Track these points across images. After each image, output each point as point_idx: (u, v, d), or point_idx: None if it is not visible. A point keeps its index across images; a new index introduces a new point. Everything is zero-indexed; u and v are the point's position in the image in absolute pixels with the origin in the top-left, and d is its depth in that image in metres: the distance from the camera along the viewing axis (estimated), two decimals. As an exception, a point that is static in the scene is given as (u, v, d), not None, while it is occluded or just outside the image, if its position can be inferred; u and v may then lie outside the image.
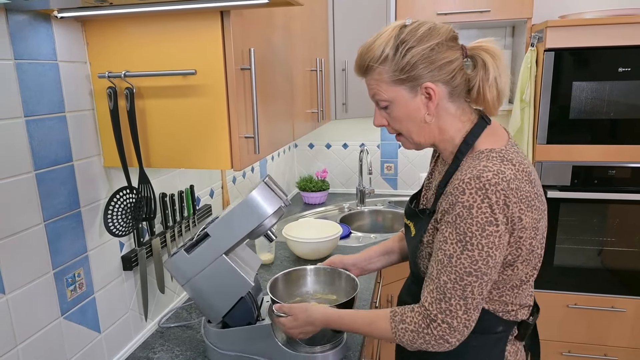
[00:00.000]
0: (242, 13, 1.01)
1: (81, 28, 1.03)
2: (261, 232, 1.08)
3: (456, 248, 0.87)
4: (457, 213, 0.86)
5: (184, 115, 1.03)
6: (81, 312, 1.08)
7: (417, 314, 0.92)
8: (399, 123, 0.98)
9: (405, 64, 0.90)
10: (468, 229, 0.85)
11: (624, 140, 2.05)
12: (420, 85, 0.92)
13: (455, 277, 0.88)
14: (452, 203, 0.88)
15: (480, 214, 0.84)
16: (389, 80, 0.93)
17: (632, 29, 1.92)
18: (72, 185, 1.03)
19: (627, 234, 2.16)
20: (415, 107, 0.94)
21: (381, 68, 0.93)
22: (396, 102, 0.95)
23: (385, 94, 0.95)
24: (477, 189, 0.84)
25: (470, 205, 0.85)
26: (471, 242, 0.86)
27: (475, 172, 0.86)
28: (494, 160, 0.89)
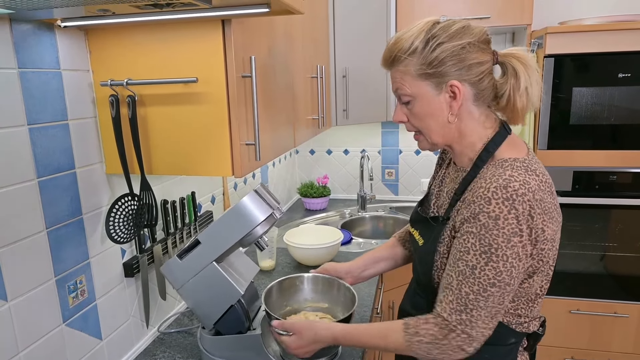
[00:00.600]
0: (243, 22, 1.02)
1: (84, 37, 1.04)
2: (251, 240, 1.08)
3: (480, 259, 0.85)
4: (482, 223, 0.84)
5: (186, 122, 1.04)
6: (83, 319, 1.08)
7: (433, 325, 0.90)
8: (419, 120, 0.96)
9: (434, 59, 0.89)
10: (494, 240, 0.84)
11: (625, 145, 2.05)
12: (446, 83, 0.90)
13: (478, 289, 0.86)
14: (475, 212, 0.86)
15: (506, 225, 0.83)
16: (414, 73, 0.91)
17: (631, 35, 1.93)
18: (75, 193, 1.04)
19: (629, 239, 2.15)
20: (439, 105, 0.92)
21: (408, 60, 0.91)
22: (419, 98, 0.93)
23: (409, 89, 0.93)
24: (504, 199, 0.83)
25: (496, 215, 0.83)
26: (496, 253, 0.84)
27: (501, 181, 0.84)
28: (519, 170, 0.87)
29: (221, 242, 1.08)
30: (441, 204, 1.05)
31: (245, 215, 1.06)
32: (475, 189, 0.88)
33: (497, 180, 0.85)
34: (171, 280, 1.13)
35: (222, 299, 1.11)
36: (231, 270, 1.15)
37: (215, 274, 1.10)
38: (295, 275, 1.30)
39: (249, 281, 1.20)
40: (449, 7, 2.20)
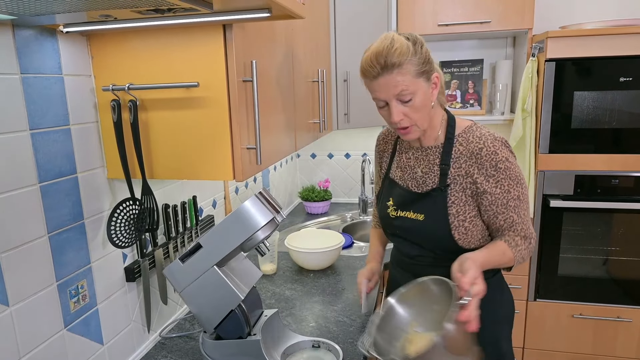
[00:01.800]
0: (244, 26, 1.03)
1: (86, 42, 1.05)
2: (253, 244, 1.08)
3: (518, 188, 1.13)
4: (503, 168, 1.11)
5: (187, 127, 1.04)
6: (84, 323, 1.08)
7: (519, 239, 1.15)
8: (417, 112, 1.11)
9: (425, 58, 1.08)
10: (516, 172, 1.13)
11: (628, 149, 2.05)
12: (431, 75, 1.11)
13: (525, 206, 1.16)
14: (494, 165, 1.11)
15: (512, 159, 1.13)
16: (414, 73, 1.07)
17: (632, 39, 1.93)
18: (76, 197, 1.04)
19: (632, 243, 2.14)
20: (429, 96, 1.12)
21: (410, 61, 1.05)
22: (419, 93, 1.09)
23: (412, 87, 1.07)
24: (500, 144, 1.12)
25: (506, 157, 1.12)
26: (522, 179, 1.14)
27: (489, 136, 1.13)
28: (484, 128, 1.17)
29: (222, 246, 1.08)
30: (425, 180, 1.21)
31: (246, 220, 1.06)
32: (476, 152, 1.13)
33: (487, 137, 1.13)
34: (173, 283, 1.13)
35: (222, 303, 1.10)
36: (232, 275, 1.14)
37: (216, 278, 1.09)
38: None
39: (251, 286, 1.19)
40: (450, 12, 2.20)
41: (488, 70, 2.55)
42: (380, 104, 1.14)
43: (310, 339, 1.25)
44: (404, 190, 1.25)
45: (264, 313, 1.25)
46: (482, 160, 1.12)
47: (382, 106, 1.14)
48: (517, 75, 2.33)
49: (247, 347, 1.14)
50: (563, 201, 2.12)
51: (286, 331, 1.27)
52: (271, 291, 1.65)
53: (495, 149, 1.11)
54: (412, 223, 1.22)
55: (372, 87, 1.12)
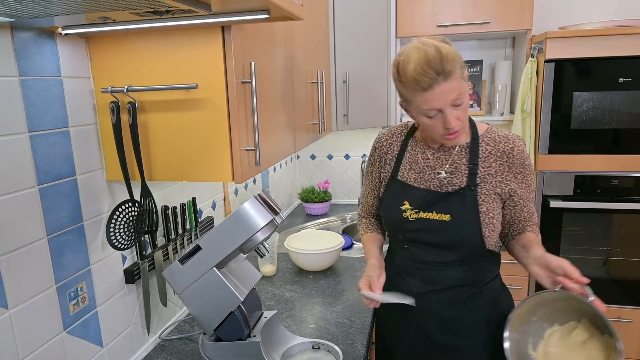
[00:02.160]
0: (243, 28, 1.03)
1: (85, 44, 1.05)
2: (252, 246, 1.08)
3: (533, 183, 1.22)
4: (528, 164, 1.19)
5: (186, 128, 1.04)
6: (84, 326, 1.08)
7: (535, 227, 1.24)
8: (465, 113, 1.11)
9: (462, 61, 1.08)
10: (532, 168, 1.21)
11: (627, 149, 2.05)
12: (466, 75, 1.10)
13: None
14: (522, 162, 1.18)
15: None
16: (461, 75, 1.06)
17: (631, 39, 1.93)
18: (75, 199, 1.04)
19: (632, 243, 2.14)
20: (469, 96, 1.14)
21: (457, 66, 1.04)
22: (465, 94, 1.09)
23: (462, 89, 1.07)
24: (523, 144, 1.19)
25: (528, 155, 1.19)
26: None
27: (514, 137, 1.19)
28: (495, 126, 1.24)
29: (221, 247, 1.08)
30: (451, 180, 1.20)
31: (245, 221, 1.06)
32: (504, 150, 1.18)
33: (513, 138, 1.19)
34: (173, 285, 1.13)
35: (222, 305, 1.10)
36: (232, 277, 1.14)
37: (215, 280, 1.09)
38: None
39: (250, 288, 1.19)
40: (449, 12, 2.21)
41: (487, 71, 2.56)
42: (431, 114, 1.08)
43: (309, 340, 1.25)
44: (424, 192, 1.22)
45: (264, 314, 1.25)
46: (514, 159, 1.17)
47: (433, 116, 1.08)
48: (517, 75, 2.33)
49: (246, 348, 1.13)
50: (563, 202, 2.12)
51: (286, 333, 1.27)
52: (271, 292, 1.65)
53: (522, 148, 1.18)
54: (437, 224, 1.19)
55: (425, 98, 1.05)
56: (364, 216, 1.46)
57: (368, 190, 1.40)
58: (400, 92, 1.13)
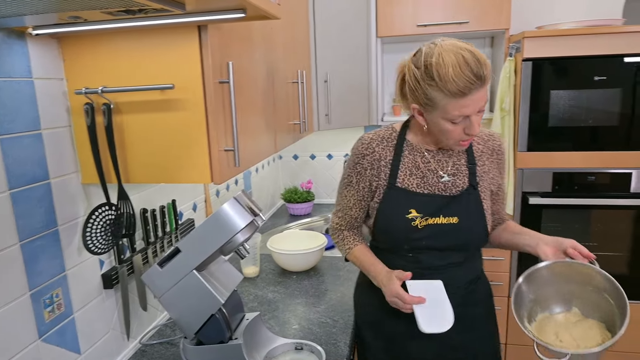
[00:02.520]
0: (220, 27, 1.01)
1: (57, 45, 1.02)
2: (232, 247, 1.07)
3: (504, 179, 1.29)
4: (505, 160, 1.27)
5: (163, 129, 1.03)
6: (60, 333, 1.05)
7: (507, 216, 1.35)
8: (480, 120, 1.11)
9: None
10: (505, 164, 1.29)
11: (603, 146, 2.09)
12: None
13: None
14: (504, 157, 1.26)
15: None
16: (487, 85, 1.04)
17: (606, 39, 1.97)
18: (49, 204, 1.01)
19: (609, 238, 2.19)
20: None
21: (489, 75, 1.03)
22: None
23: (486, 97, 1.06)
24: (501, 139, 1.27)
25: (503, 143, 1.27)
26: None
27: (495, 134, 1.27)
28: None
29: (201, 250, 1.06)
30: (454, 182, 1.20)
31: (225, 223, 1.05)
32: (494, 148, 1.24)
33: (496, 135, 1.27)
34: (152, 289, 1.11)
35: (202, 307, 1.09)
36: (212, 279, 1.13)
37: (195, 283, 1.08)
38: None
39: (231, 290, 1.18)
40: (429, 12, 2.22)
41: (467, 70, 2.58)
42: (457, 120, 1.05)
43: (292, 341, 1.24)
44: (430, 197, 1.18)
45: (246, 316, 1.24)
46: (501, 155, 1.25)
47: (458, 122, 1.05)
48: (496, 74, 2.36)
49: (228, 351, 1.12)
50: (542, 198, 2.16)
51: (268, 334, 1.27)
52: (254, 294, 1.64)
53: (501, 142, 1.26)
54: (446, 227, 1.17)
55: (460, 103, 1.01)
56: (346, 228, 1.36)
57: (352, 202, 1.29)
58: (428, 95, 1.05)
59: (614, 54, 1.98)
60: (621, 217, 2.15)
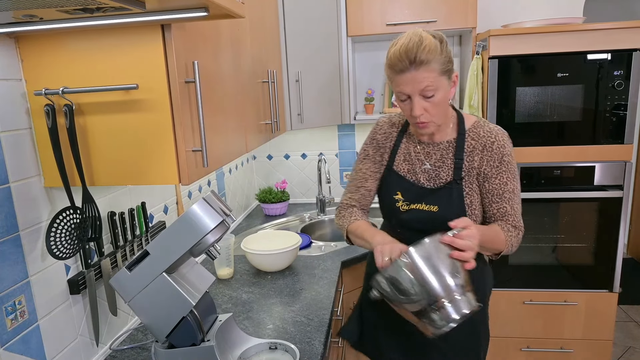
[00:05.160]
0: (185, 26, 1.00)
1: (15, 44, 0.99)
2: (202, 248, 1.06)
3: (514, 182, 1.25)
4: (507, 161, 1.23)
5: (128, 130, 1.01)
6: (23, 341, 1.02)
7: (512, 228, 1.24)
8: (436, 108, 1.17)
9: (449, 57, 1.15)
10: (515, 167, 1.26)
11: (567, 141, 2.16)
12: (452, 74, 1.18)
13: (518, 200, 1.26)
14: (500, 157, 1.23)
15: (513, 155, 1.26)
16: (439, 71, 1.12)
17: (567, 37, 2.03)
18: (9, 208, 0.98)
19: (575, 230, 2.26)
20: (448, 93, 1.19)
21: (437, 59, 1.11)
22: (440, 90, 1.15)
23: (435, 83, 1.13)
24: (508, 139, 1.25)
25: (510, 152, 1.25)
26: (517, 174, 1.26)
27: (499, 130, 1.25)
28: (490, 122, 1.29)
29: (170, 252, 1.05)
30: (438, 174, 1.29)
31: (194, 224, 1.03)
32: (488, 145, 1.24)
33: (496, 132, 1.24)
34: (121, 293, 1.09)
35: (173, 310, 1.08)
36: (182, 281, 1.12)
37: (165, 285, 1.06)
38: None
39: (203, 292, 1.17)
40: (397, 11, 2.25)
41: (437, 68, 2.62)
42: (402, 97, 1.18)
43: (266, 341, 1.24)
44: (414, 185, 1.30)
45: (219, 318, 1.23)
46: (493, 153, 1.23)
47: (403, 99, 1.18)
48: (464, 72, 2.41)
49: (201, 353, 1.11)
50: (511, 193, 2.21)
51: (242, 335, 1.26)
52: (228, 295, 1.62)
53: (504, 142, 1.23)
54: (426, 214, 1.27)
55: (397, 80, 1.15)
56: (357, 205, 1.41)
57: (369, 173, 1.38)
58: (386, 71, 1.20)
59: (576, 51, 2.04)
60: (586, 209, 2.22)
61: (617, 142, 2.12)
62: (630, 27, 1.99)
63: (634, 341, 2.87)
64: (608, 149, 2.13)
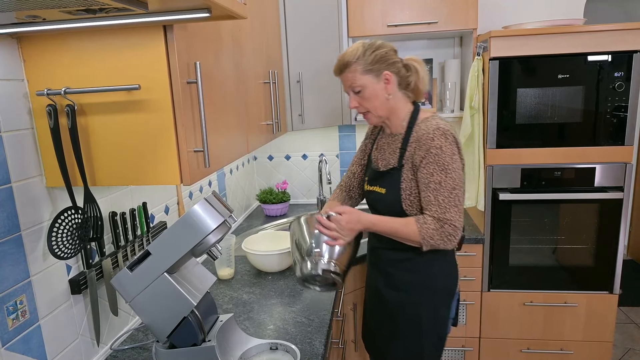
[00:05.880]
0: (187, 27, 1.01)
1: (17, 45, 0.99)
2: (204, 249, 1.06)
3: (441, 175, 1.33)
4: (434, 153, 1.33)
5: (130, 131, 1.01)
6: (24, 341, 1.02)
7: (431, 219, 1.34)
8: (368, 101, 1.42)
9: (372, 59, 1.38)
10: (445, 160, 1.33)
11: (568, 142, 2.16)
12: (382, 74, 1.40)
13: (447, 193, 1.33)
14: (427, 149, 1.34)
15: (447, 150, 1.33)
16: (361, 71, 1.39)
17: (567, 38, 2.03)
18: (11, 208, 0.98)
19: (575, 231, 2.26)
20: (379, 89, 1.41)
21: (357, 62, 1.39)
22: (366, 87, 1.40)
23: (359, 81, 1.40)
24: (440, 134, 1.34)
25: (440, 146, 1.33)
26: (448, 168, 1.33)
27: (434, 126, 1.36)
28: (438, 119, 1.40)
29: (172, 252, 1.05)
30: (389, 161, 1.48)
31: (196, 224, 1.04)
32: (420, 138, 1.37)
33: (431, 127, 1.36)
34: (122, 293, 1.09)
35: (174, 310, 1.08)
36: (184, 282, 1.12)
37: (166, 286, 1.07)
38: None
39: (204, 292, 1.17)
40: (398, 13, 2.25)
41: (437, 69, 2.63)
42: (346, 91, 1.45)
43: (267, 341, 1.24)
44: (374, 170, 1.52)
45: (220, 318, 1.23)
46: (421, 144, 1.36)
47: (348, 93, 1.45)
48: (465, 73, 2.41)
49: (201, 354, 1.11)
50: (511, 194, 2.21)
51: (243, 335, 1.26)
52: (229, 296, 1.63)
53: (433, 136, 1.34)
54: (377, 195, 1.48)
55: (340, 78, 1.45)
56: (341, 187, 1.72)
57: (355, 159, 1.70)
58: None
59: (577, 53, 2.04)
60: (586, 211, 2.22)
61: (618, 144, 2.12)
62: (630, 29, 1.99)
63: (634, 343, 2.87)
64: (608, 151, 2.13)
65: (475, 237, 2.24)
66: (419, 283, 1.47)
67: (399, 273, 1.49)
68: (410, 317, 1.48)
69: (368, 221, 1.41)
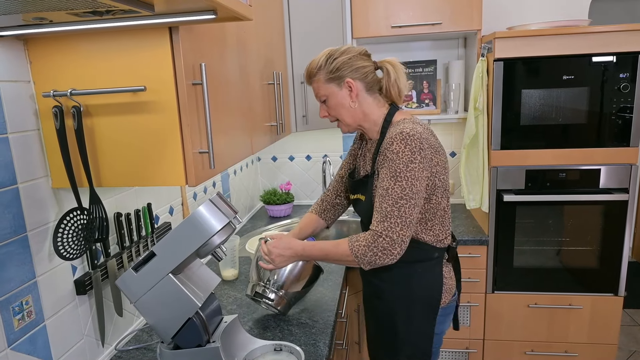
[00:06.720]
0: (192, 29, 1.01)
1: (23, 46, 1.00)
2: (208, 250, 1.06)
3: (390, 182, 1.23)
4: (389, 158, 1.24)
5: (135, 132, 1.01)
6: (30, 341, 1.03)
7: (367, 234, 1.25)
8: (334, 110, 1.38)
9: (333, 68, 1.33)
10: (397, 167, 1.22)
11: (573, 144, 2.15)
12: (344, 81, 1.34)
13: (392, 202, 1.22)
14: (384, 154, 1.26)
15: (404, 156, 1.22)
16: (324, 80, 1.35)
17: (572, 39, 2.03)
18: (17, 209, 0.99)
19: (580, 233, 2.25)
20: (343, 97, 1.35)
21: (319, 72, 1.36)
22: (330, 96, 1.36)
23: (323, 91, 1.37)
24: (399, 140, 1.23)
25: (397, 151, 1.22)
26: (400, 175, 1.22)
27: (398, 131, 1.25)
28: (408, 123, 1.29)
29: (177, 253, 1.05)
30: (366, 168, 1.44)
31: (200, 225, 1.04)
32: (385, 143, 1.28)
33: (395, 132, 1.26)
34: (127, 293, 1.09)
35: (179, 311, 1.08)
36: (189, 283, 1.12)
37: (171, 287, 1.07)
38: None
39: (209, 293, 1.17)
40: (402, 13, 2.25)
41: (441, 70, 2.62)
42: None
43: (271, 342, 1.24)
44: (355, 177, 1.49)
45: (224, 319, 1.23)
46: (383, 149, 1.28)
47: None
48: (469, 74, 2.41)
49: (206, 355, 1.11)
50: (515, 195, 2.20)
51: (247, 336, 1.26)
52: (233, 297, 1.63)
53: (392, 141, 1.24)
54: (359, 202, 1.44)
55: None
56: (320, 199, 1.68)
57: (343, 163, 1.64)
58: None
59: (582, 54, 2.04)
60: (591, 212, 2.21)
61: (623, 145, 2.11)
62: (635, 30, 1.98)
63: (638, 345, 2.86)
64: (614, 152, 2.12)
65: (479, 239, 2.23)
66: (393, 292, 1.40)
67: (377, 281, 1.43)
68: (388, 325, 1.43)
69: (299, 247, 1.35)
